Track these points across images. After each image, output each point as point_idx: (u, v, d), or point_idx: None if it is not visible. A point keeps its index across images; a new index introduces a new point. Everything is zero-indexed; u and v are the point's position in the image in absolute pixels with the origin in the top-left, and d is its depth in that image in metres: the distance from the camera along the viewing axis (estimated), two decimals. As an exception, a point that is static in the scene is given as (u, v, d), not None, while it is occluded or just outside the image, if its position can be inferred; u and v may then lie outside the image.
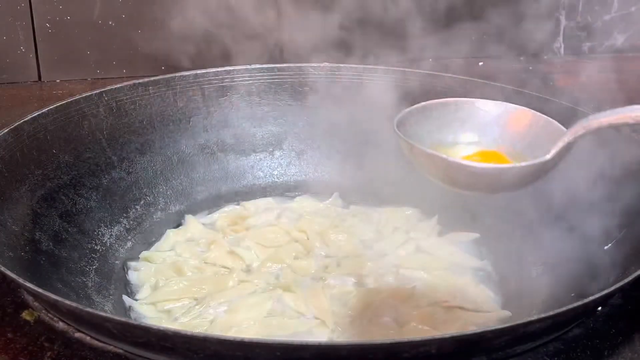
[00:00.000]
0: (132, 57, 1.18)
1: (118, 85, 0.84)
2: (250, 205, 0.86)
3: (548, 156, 0.48)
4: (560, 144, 0.48)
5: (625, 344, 0.55)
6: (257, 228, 0.81)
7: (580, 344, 0.55)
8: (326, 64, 0.92)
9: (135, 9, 1.15)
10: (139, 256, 0.76)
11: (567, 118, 0.75)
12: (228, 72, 0.90)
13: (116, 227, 0.78)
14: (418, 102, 0.57)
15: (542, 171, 0.49)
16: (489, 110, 0.54)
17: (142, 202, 0.82)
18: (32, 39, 1.13)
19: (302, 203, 0.87)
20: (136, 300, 0.70)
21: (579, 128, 0.48)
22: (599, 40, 1.32)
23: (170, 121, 0.87)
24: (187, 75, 0.88)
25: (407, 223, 0.82)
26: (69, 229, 0.72)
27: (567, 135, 0.48)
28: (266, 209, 0.85)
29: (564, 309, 0.49)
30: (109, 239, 0.76)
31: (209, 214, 0.85)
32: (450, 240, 0.79)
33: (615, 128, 0.47)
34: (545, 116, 0.52)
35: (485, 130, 0.54)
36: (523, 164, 0.48)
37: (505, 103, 0.54)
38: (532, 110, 0.53)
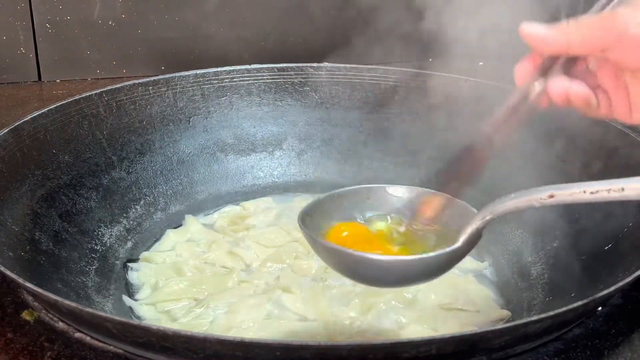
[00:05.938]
0: (132, 57, 1.18)
1: (118, 85, 0.84)
2: (250, 205, 0.86)
3: (458, 244, 0.48)
4: (468, 230, 0.48)
5: (625, 344, 0.55)
6: (257, 228, 0.81)
7: (580, 344, 0.55)
8: (326, 64, 0.92)
9: (135, 9, 1.15)
10: (139, 256, 0.76)
11: (566, 118, 0.76)
12: (228, 72, 0.90)
13: (116, 227, 0.78)
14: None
15: (453, 259, 0.49)
16: (401, 195, 0.54)
17: (142, 202, 0.82)
18: (32, 39, 1.13)
19: (302, 203, 0.86)
20: (136, 300, 0.70)
21: (487, 213, 0.48)
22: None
23: (170, 121, 0.87)
24: (187, 75, 0.88)
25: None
26: (69, 229, 0.72)
27: (475, 220, 0.48)
28: (266, 209, 0.85)
29: (564, 309, 0.49)
30: (109, 239, 0.76)
31: (209, 214, 0.85)
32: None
33: (522, 211, 0.46)
34: (457, 199, 0.52)
35: (398, 213, 0.54)
36: (433, 254, 0.48)
37: (417, 188, 0.54)
38: (444, 194, 0.53)
